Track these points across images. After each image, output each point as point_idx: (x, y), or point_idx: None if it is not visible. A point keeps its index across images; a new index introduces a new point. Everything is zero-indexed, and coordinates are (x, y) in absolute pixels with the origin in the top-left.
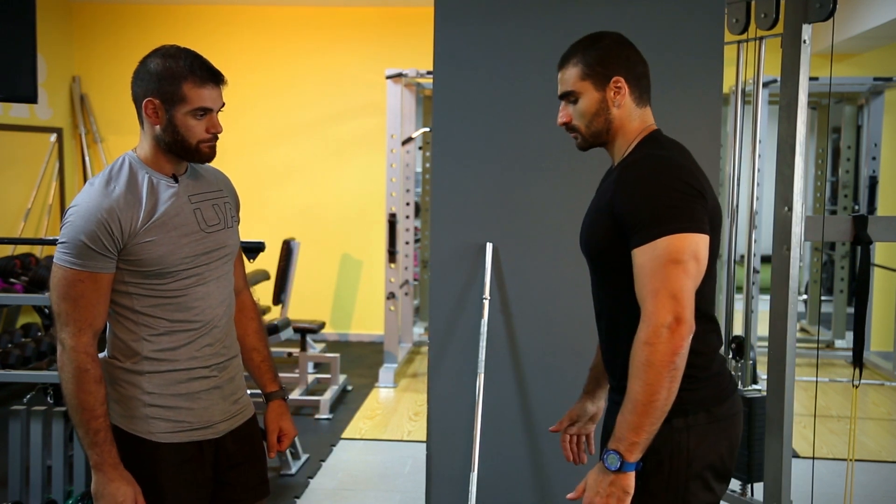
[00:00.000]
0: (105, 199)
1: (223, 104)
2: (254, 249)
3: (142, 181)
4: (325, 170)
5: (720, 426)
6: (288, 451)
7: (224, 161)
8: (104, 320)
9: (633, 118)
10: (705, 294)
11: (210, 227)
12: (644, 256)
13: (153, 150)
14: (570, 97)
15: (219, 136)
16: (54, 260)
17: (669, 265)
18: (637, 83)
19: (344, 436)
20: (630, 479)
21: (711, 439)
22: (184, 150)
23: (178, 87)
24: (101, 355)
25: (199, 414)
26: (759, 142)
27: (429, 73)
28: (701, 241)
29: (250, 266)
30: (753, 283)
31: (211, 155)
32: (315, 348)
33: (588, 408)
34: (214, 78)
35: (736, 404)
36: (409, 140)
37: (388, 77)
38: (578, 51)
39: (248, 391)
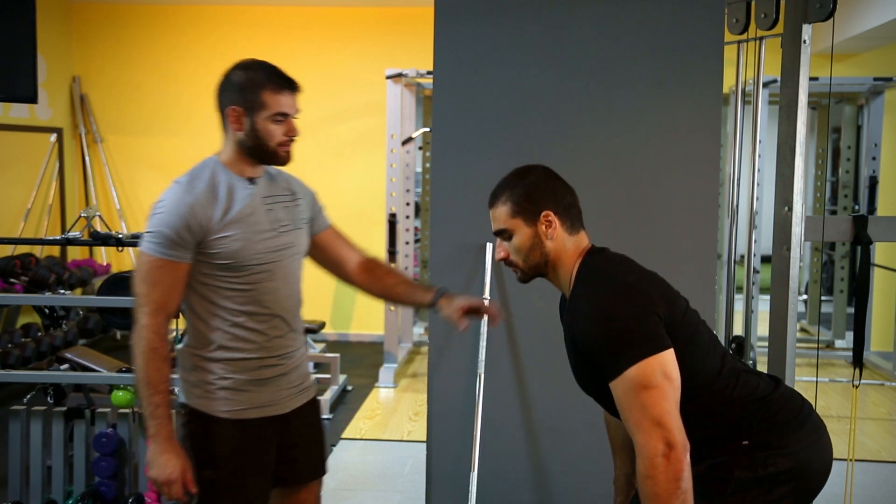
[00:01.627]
0: (188, 195)
1: (299, 110)
2: None
3: (221, 182)
4: (325, 170)
5: (809, 451)
6: None
7: None
8: (177, 305)
9: (568, 247)
10: (709, 362)
11: (281, 227)
12: (618, 390)
13: (234, 155)
14: (504, 235)
15: (296, 139)
16: (140, 247)
17: (643, 393)
18: (567, 213)
19: (344, 436)
20: None
21: (798, 463)
22: (264, 153)
23: (258, 94)
24: (179, 346)
25: (265, 396)
26: (759, 142)
27: (429, 73)
28: (666, 358)
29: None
30: (753, 283)
31: (287, 158)
32: (315, 348)
33: None
34: (290, 85)
35: (817, 424)
36: (409, 140)
37: (388, 77)
38: (506, 188)
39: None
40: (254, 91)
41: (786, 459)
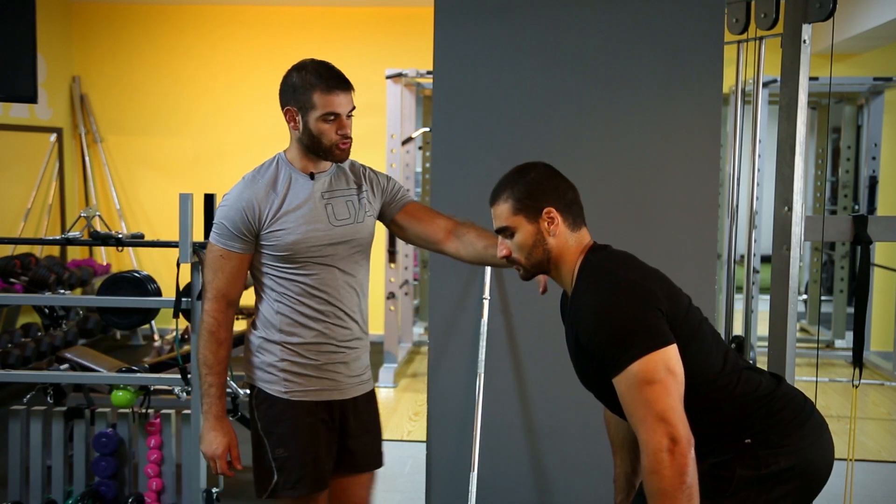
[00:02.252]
0: (248, 190)
1: (353, 108)
2: None
3: (283, 177)
4: None
5: (812, 449)
6: None
7: (224, 161)
8: (238, 293)
9: (570, 244)
10: (712, 359)
11: (339, 221)
12: (622, 386)
13: (297, 151)
14: (506, 232)
15: (350, 136)
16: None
17: (646, 389)
18: (569, 210)
19: None
20: None
21: (799, 462)
22: (320, 151)
23: (309, 95)
24: (256, 332)
25: (324, 382)
26: (759, 142)
27: (429, 73)
28: (669, 353)
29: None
30: (753, 283)
31: (343, 156)
32: None
33: None
34: (341, 85)
35: (818, 422)
36: (409, 140)
37: (388, 77)
38: (507, 186)
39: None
40: (305, 92)
41: (788, 458)
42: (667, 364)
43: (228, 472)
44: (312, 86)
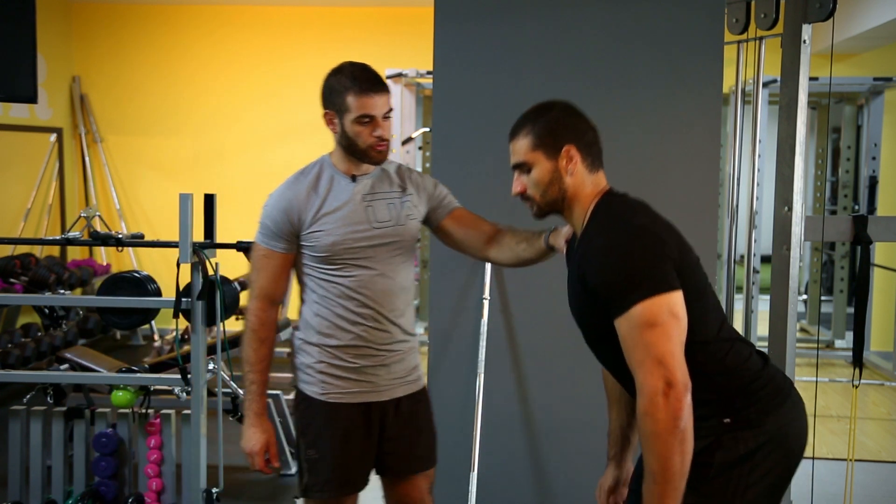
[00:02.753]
0: (289, 191)
1: (390, 109)
2: None
3: (325, 179)
4: None
5: (787, 430)
6: (288, 452)
7: (224, 160)
8: (280, 292)
9: (587, 185)
10: (711, 320)
11: (379, 223)
12: (623, 327)
13: (339, 154)
14: (523, 168)
15: (387, 138)
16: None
17: (648, 331)
18: (588, 150)
19: None
20: None
21: (776, 445)
22: (357, 153)
23: (343, 98)
24: (298, 333)
25: (361, 384)
26: (759, 142)
27: (429, 73)
28: (675, 299)
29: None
30: (753, 283)
31: (380, 157)
32: None
33: (617, 474)
34: (375, 87)
35: (797, 404)
36: (409, 140)
37: (388, 77)
38: (528, 121)
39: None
40: (340, 95)
41: (765, 436)
42: (671, 308)
43: (266, 468)
44: (347, 88)
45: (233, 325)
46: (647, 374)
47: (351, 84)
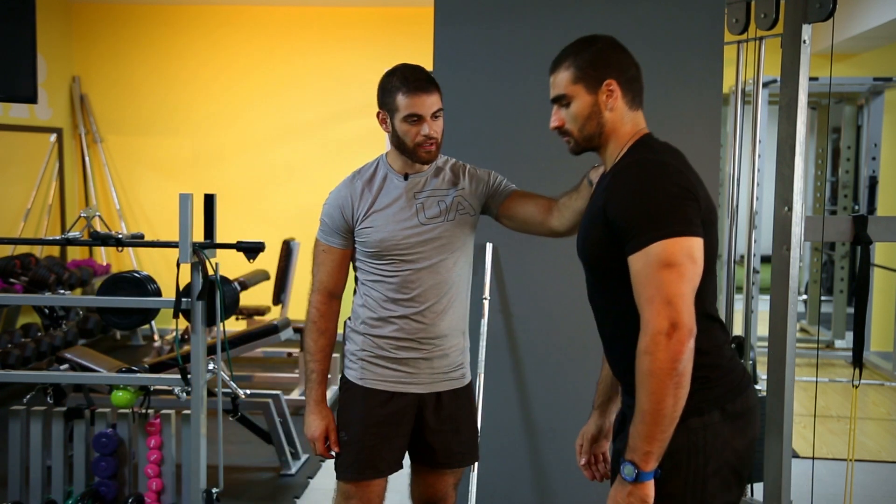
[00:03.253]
0: (345, 189)
1: (439, 108)
2: (253, 249)
3: (379, 177)
4: (325, 170)
5: (736, 424)
6: (288, 451)
7: (224, 160)
8: (339, 286)
9: (626, 122)
10: (706, 293)
11: (429, 220)
12: (638, 263)
13: (393, 153)
14: (563, 101)
15: (435, 137)
16: None
17: (663, 270)
18: (629, 86)
19: None
20: (648, 488)
21: (727, 437)
22: (406, 152)
23: (393, 98)
24: (348, 322)
25: (400, 374)
26: (759, 142)
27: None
28: (695, 244)
29: (250, 266)
30: (753, 283)
31: (428, 157)
32: None
33: (601, 424)
34: (424, 86)
35: (750, 399)
36: None
37: None
38: (570, 54)
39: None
40: (390, 95)
41: (712, 430)
42: (690, 252)
43: (327, 453)
44: (397, 89)
45: (233, 326)
46: (654, 313)
47: (401, 84)
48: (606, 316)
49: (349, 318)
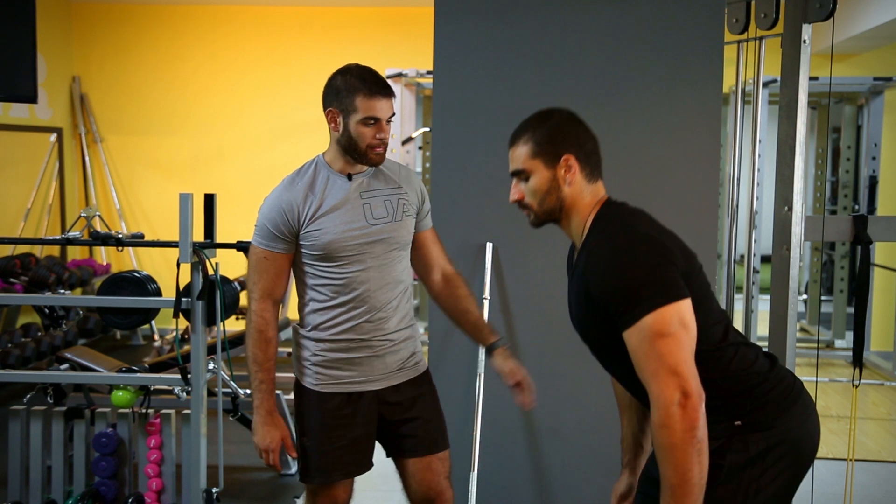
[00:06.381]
0: (286, 192)
1: (393, 114)
2: None
3: (321, 179)
4: None
5: (790, 441)
6: None
7: (224, 160)
8: (282, 292)
9: (585, 195)
10: (714, 328)
11: (376, 219)
12: (633, 339)
13: (335, 153)
14: (522, 175)
15: (387, 141)
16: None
17: (659, 341)
18: (588, 160)
19: None
20: None
21: (785, 451)
22: (356, 154)
23: (352, 98)
24: (297, 328)
25: (354, 374)
26: (759, 142)
27: (429, 73)
28: (684, 307)
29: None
30: (753, 283)
31: (378, 160)
32: None
33: (631, 481)
34: (383, 91)
35: (806, 406)
36: (409, 140)
37: (388, 77)
38: (528, 129)
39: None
40: (348, 95)
41: (776, 437)
42: (681, 317)
43: (280, 466)
44: (356, 89)
45: (233, 325)
46: (661, 386)
47: (360, 85)
48: (626, 377)
49: (297, 324)
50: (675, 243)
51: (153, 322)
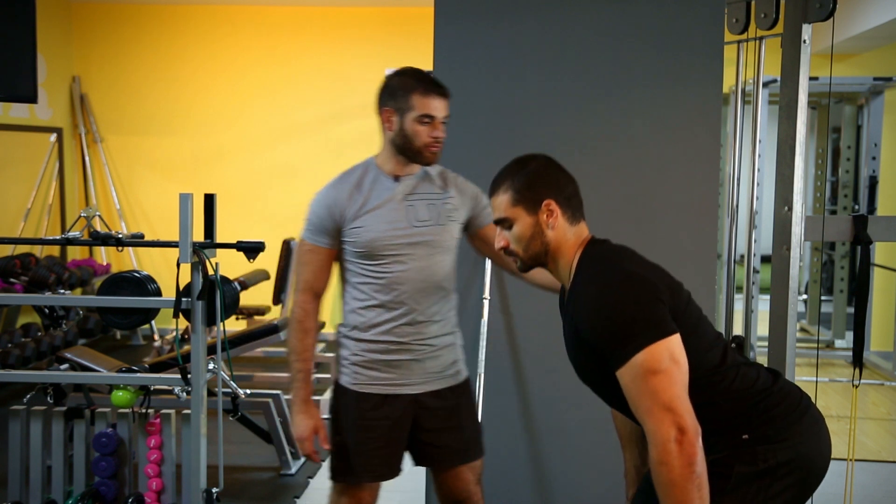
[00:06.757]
0: (334, 189)
1: (447, 115)
2: (253, 249)
3: (369, 179)
4: (325, 170)
5: (801, 455)
6: (288, 451)
7: (224, 160)
8: (323, 285)
9: (569, 237)
10: (711, 353)
11: (420, 222)
12: (626, 378)
13: (387, 154)
14: (505, 223)
15: (442, 141)
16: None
17: (652, 379)
18: (568, 203)
19: None
20: None
21: (795, 471)
22: (410, 152)
23: (408, 97)
24: (340, 326)
25: (392, 376)
26: (759, 142)
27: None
28: (673, 343)
29: (250, 266)
30: (753, 283)
31: (433, 158)
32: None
33: None
34: (439, 90)
35: (815, 420)
36: None
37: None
38: (507, 177)
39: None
40: (404, 94)
41: (786, 452)
42: (671, 353)
43: (314, 455)
44: (412, 88)
45: (233, 325)
46: (657, 423)
47: (416, 84)
48: (619, 403)
49: (341, 324)
50: (661, 277)
51: (153, 322)
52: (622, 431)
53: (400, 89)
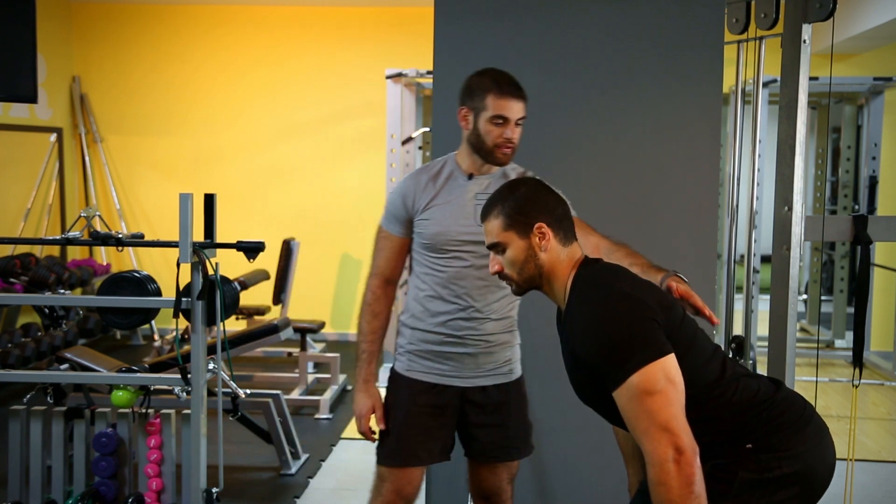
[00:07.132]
0: (410, 180)
1: (523, 116)
2: (253, 249)
3: (444, 174)
4: (325, 170)
5: (805, 465)
6: (288, 451)
7: (224, 160)
8: (395, 273)
9: (562, 258)
10: (709, 367)
11: None
12: (622, 399)
13: (465, 152)
14: (498, 248)
15: (515, 142)
16: None
17: (648, 399)
18: (560, 225)
19: (344, 436)
20: None
21: (799, 482)
22: (483, 152)
23: (483, 97)
24: (401, 315)
25: (444, 367)
26: (759, 142)
27: (429, 73)
28: (668, 363)
29: (250, 266)
30: (753, 283)
31: (504, 159)
32: (315, 348)
33: None
34: (515, 92)
35: (818, 429)
36: (409, 140)
37: (388, 77)
38: (498, 202)
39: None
40: (480, 94)
41: (791, 463)
42: (666, 373)
43: (369, 433)
44: (488, 89)
45: (233, 325)
46: (654, 443)
47: (492, 85)
48: (621, 421)
49: (402, 313)
50: (654, 296)
51: (153, 322)
52: (625, 447)
53: (477, 89)
